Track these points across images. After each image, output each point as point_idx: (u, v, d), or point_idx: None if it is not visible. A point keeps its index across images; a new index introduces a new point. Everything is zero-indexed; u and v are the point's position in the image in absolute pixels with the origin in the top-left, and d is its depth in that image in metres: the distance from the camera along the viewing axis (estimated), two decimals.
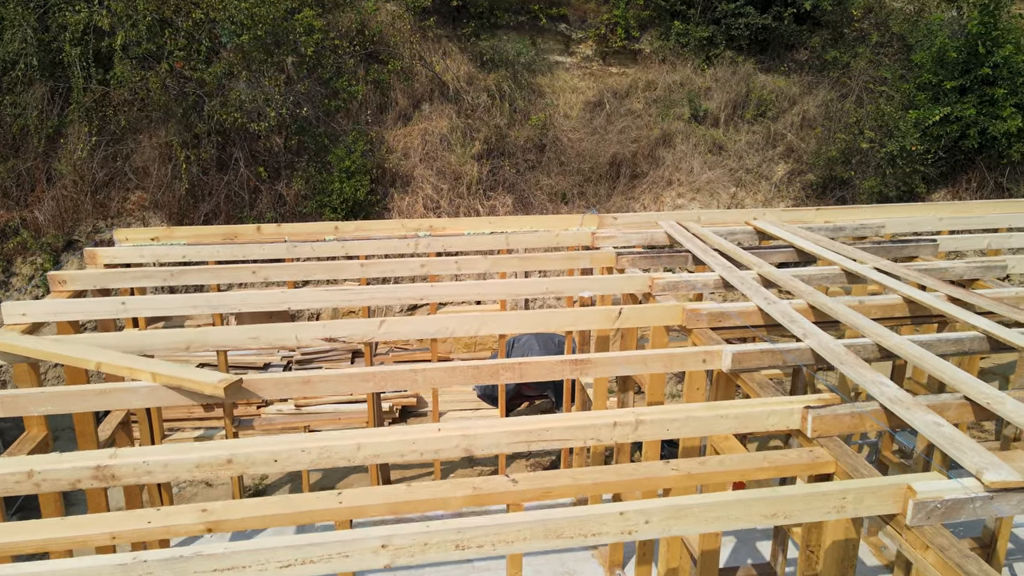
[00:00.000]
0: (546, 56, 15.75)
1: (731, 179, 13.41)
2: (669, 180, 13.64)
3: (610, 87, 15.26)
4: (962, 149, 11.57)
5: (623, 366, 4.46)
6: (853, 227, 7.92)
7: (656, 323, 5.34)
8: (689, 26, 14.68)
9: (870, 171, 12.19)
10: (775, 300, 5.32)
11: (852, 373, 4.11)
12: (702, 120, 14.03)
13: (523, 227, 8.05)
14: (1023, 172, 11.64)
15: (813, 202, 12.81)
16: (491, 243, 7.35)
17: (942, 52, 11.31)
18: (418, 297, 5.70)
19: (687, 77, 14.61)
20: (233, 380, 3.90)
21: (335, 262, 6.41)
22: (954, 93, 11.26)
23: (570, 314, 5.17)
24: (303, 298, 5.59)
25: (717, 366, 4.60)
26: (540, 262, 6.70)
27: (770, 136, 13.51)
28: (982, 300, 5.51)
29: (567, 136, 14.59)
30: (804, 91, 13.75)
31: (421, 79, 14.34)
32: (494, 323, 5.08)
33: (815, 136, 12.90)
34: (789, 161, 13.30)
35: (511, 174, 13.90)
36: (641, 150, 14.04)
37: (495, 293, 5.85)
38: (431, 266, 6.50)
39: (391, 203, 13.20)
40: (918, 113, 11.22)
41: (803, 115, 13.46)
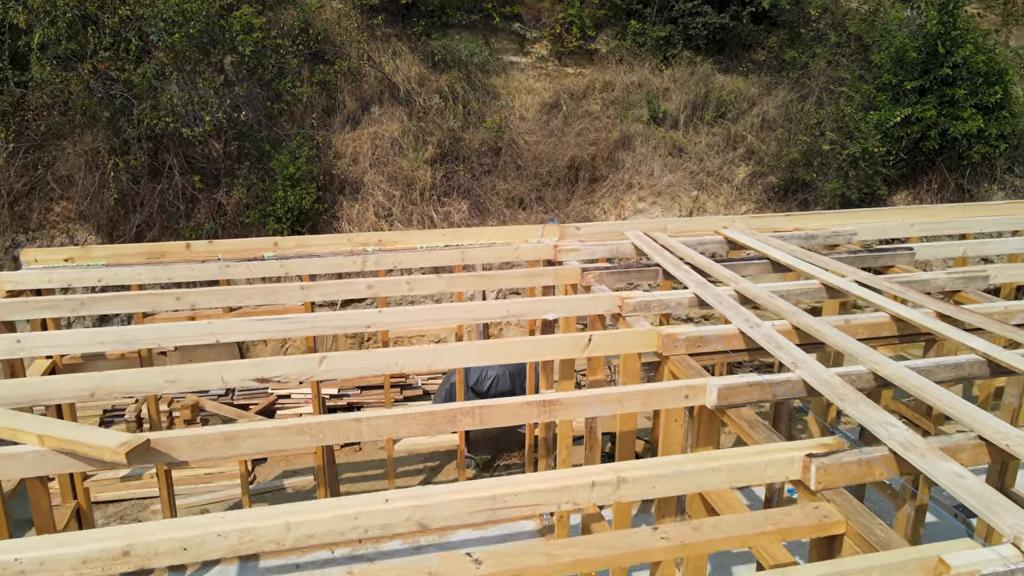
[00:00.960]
0: (500, 56, 15.22)
1: (692, 182, 13.08)
2: (629, 184, 13.25)
3: (566, 88, 14.81)
4: (923, 150, 11.44)
5: (596, 407, 3.95)
6: (825, 235, 7.58)
7: (629, 350, 4.85)
8: (646, 25, 14.32)
9: (832, 173, 11.98)
10: (758, 322, 4.88)
11: (855, 412, 3.67)
12: (661, 122, 13.69)
13: (479, 240, 7.50)
14: (983, 173, 11.57)
15: (775, 204, 12.56)
16: (446, 258, 6.78)
17: (901, 52, 11.16)
18: (364, 325, 5.11)
19: (645, 78, 14.24)
20: (138, 442, 3.27)
21: (274, 285, 5.76)
22: (914, 94, 11.11)
23: (533, 344, 4.64)
24: (234, 329, 4.94)
25: (700, 402, 4.13)
26: (499, 280, 6.17)
27: (730, 138, 13.23)
28: (971, 316, 5.17)
29: (523, 139, 14.09)
30: (763, 92, 13.51)
31: (370, 80, 13.66)
32: (449, 356, 4.52)
33: (776, 138, 12.66)
34: (750, 163, 13.03)
35: (466, 179, 13.34)
36: (600, 153, 13.62)
37: (451, 319, 5.30)
38: (380, 287, 5.90)
39: (340, 211, 12.51)
40: (879, 114, 11.04)
41: (763, 116, 13.21)
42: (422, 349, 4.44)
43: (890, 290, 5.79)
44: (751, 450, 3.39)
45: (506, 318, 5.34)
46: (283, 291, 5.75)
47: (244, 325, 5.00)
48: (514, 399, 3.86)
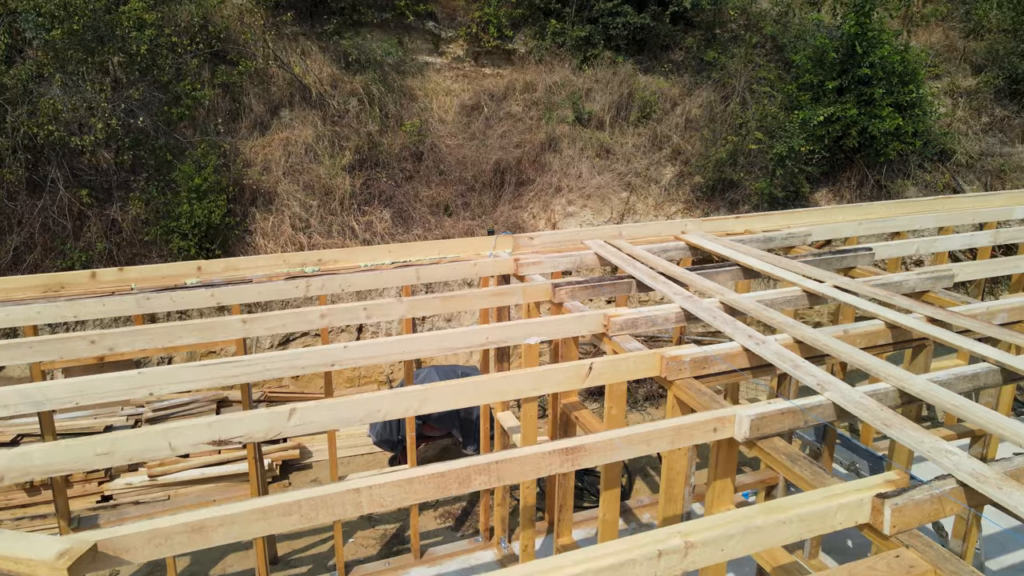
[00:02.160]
0: (415, 56, 14.56)
1: (621, 183, 12.91)
2: (558, 187, 12.92)
3: (486, 89, 14.33)
4: (843, 148, 11.72)
5: (623, 449, 3.49)
6: (782, 237, 7.47)
7: (632, 376, 4.42)
8: (565, 25, 14.05)
9: (758, 172, 12.10)
10: (761, 338, 4.57)
11: (903, 438, 3.38)
12: (587, 123, 13.45)
13: (428, 254, 6.90)
14: (899, 169, 12.00)
15: (704, 204, 12.57)
16: (399, 278, 6.14)
17: (821, 53, 11.38)
18: (328, 364, 4.43)
19: (566, 78, 13.97)
20: (82, 551, 2.52)
21: (209, 320, 4.95)
22: (833, 93, 11.36)
23: (530, 377, 4.13)
24: (171, 379, 4.15)
25: (729, 435, 3.75)
26: (465, 301, 5.60)
27: (656, 138, 13.15)
28: (959, 319, 5.07)
29: (445, 143, 13.50)
30: (684, 92, 13.53)
31: (278, 82, 12.69)
32: (439, 397, 3.93)
33: (701, 138, 12.67)
34: (676, 163, 13.00)
35: (387, 186, 12.61)
36: (526, 155, 13.22)
37: (424, 349, 4.70)
38: (334, 316, 5.21)
39: (253, 225, 11.50)
40: (804, 113, 11.21)
41: (686, 116, 13.22)
42: (409, 392, 3.83)
43: (866, 292, 5.67)
44: (815, 495, 3.02)
45: (485, 345, 4.81)
46: (220, 327, 4.95)
47: (177, 373, 4.21)
48: (536, 449, 3.33)
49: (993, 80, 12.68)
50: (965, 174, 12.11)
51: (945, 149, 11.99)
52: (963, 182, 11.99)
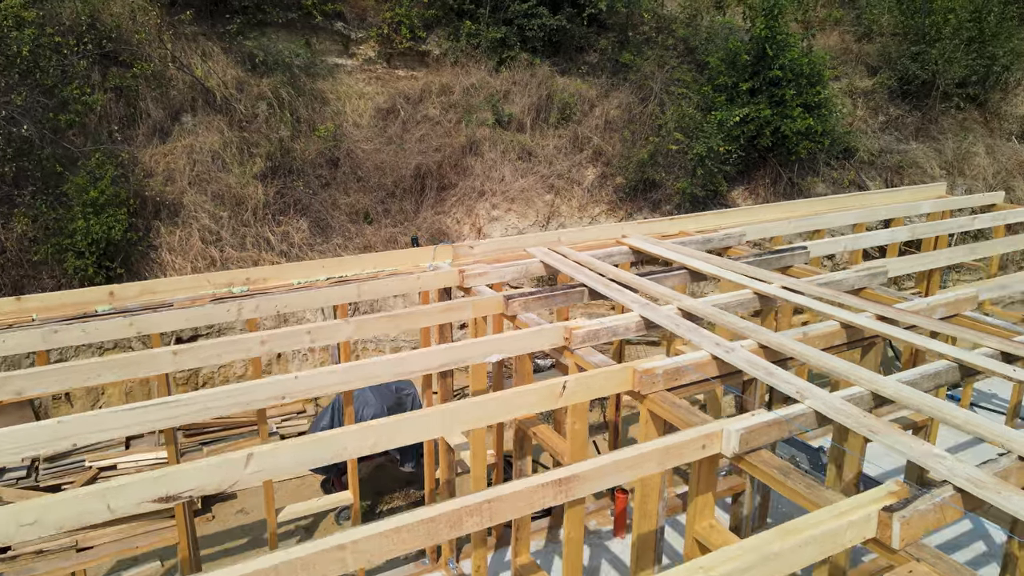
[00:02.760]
0: (324, 58, 13.98)
1: (544, 186, 12.82)
2: (481, 191, 12.70)
3: (401, 92, 13.93)
4: (757, 147, 12.08)
5: (614, 475, 3.30)
6: (719, 237, 7.53)
7: (605, 392, 4.26)
8: (480, 26, 13.84)
9: (678, 172, 12.30)
10: (730, 345, 4.51)
11: (893, 443, 3.36)
12: (507, 125, 13.29)
13: (364, 268, 6.53)
14: (809, 168, 12.49)
15: (627, 205, 12.66)
16: (339, 295, 5.75)
17: (734, 55, 11.68)
18: (277, 397, 4.02)
19: (484, 80, 13.76)
20: None
21: (130, 355, 4.43)
22: (746, 94, 11.68)
23: (502, 401, 3.88)
24: (89, 428, 3.65)
25: (717, 450, 3.64)
26: (415, 318, 5.29)
27: (577, 140, 13.15)
28: (905, 316, 5.21)
29: (361, 148, 13.01)
30: (602, 94, 13.60)
31: (179, 85, 11.85)
32: (411, 428, 3.63)
33: (621, 139, 12.76)
34: (598, 165, 13.04)
35: (303, 194, 12.02)
36: (447, 160, 12.92)
37: (379, 374, 4.37)
38: (275, 342, 4.78)
39: (158, 240, 10.67)
40: (721, 114, 11.46)
41: (606, 118, 13.29)
42: (378, 427, 3.51)
43: (811, 291, 5.75)
44: (824, 514, 2.93)
45: (445, 366, 4.52)
46: (147, 361, 4.43)
47: (111, 419, 3.71)
48: (528, 483, 3.09)
49: (887, 81, 13.43)
50: (867, 170, 12.75)
51: (848, 147, 12.58)
52: (866, 178, 12.62)
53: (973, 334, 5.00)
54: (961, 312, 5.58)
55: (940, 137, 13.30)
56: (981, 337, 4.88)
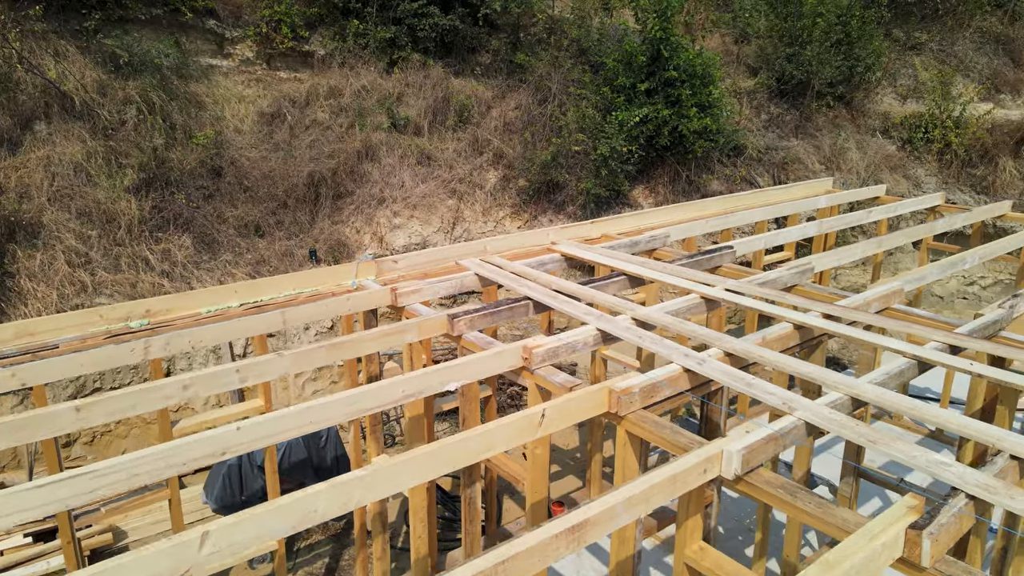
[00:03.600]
0: (197, 59, 12.89)
1: (446, 190, 12.42)
2: (381, 198, 12.11)
3: (286, 95, 13.07)
4: (655, 147, 12.25)
5: (625, 515, 3.02)
6: (646, 240, 7.46)
7: (583, 416, 3.97)
8: (368, 26, 13.22)
9: (580, 172, 12.26)
10: (699, 357, 4.35)
11: (894, 453, 3.29)
12: (404, 129, 12.77)
13: (282, 290, 5.92)
14: (705, 166, 12.82)
15: (531, 207, 12.50)
16: (260, 324, 5.13)
17: (630, 56, 11.77)
18: (218, 453, 3.44)
19: (375, 82, 13.16)
20: None
21: (24, 416, 3.67)
22: (644, 95, 11.82)
23: (478, 439, 3.51)
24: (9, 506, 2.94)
25: (717, 472, 3.44)
26: (356, 346, 4.79)
27: (476, 142, 12.83)
28: (846, 312, 5.29)
29: (246, 156, 12.09)
30: (499, 95, 13.36)
31: (28, 89, 10.47)
32: (384, 479, 3.18)
33: (522, 141, 12.58)
34: (499, 167, 12.79)
35: (184, 207, 10.99)
36: (341, 166, 12.23)
37: (333, 416, 3.87)
38: (200, 385, 4.14)
39: (15, 265, 9.35)
40: (622, 115, 11.52)
41: (504, 120, 13.06)
42: (350, 481, 3.04)
43: (752, 292, 5.76)
44: (858, 542, 2.78)
45: (402, 400, 4.07)
46: (46, 421, 3.69)
47: (22, 499, 3.01)
48: (539, 537, 2.74)
49: (766, 81, 14.06)
50: (755, 167, 13.28)
51: (738, 145, 13.03)
52: (755, 175, 13.14)
53: (903, 325, 5.15)
54: (891, 305, 5.76)
55: (817, 134, 14.08)
56: (909, 327, 5.03)
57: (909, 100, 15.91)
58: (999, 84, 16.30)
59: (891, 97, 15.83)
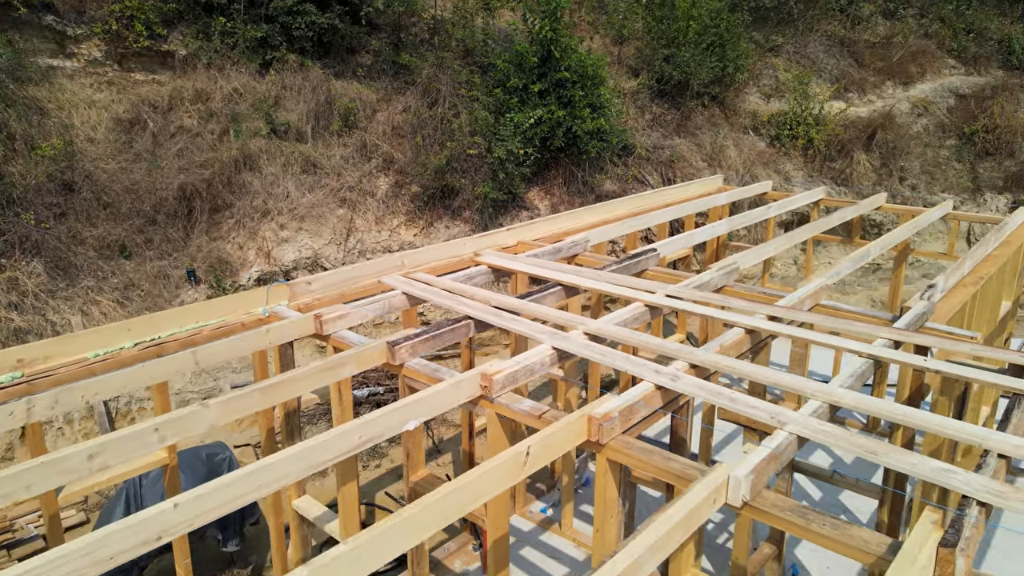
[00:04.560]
0: (34, 59, 11.39)
1: (335, 199, 11.69)
2: (264, 210, 11.20)
3: (145, 99, 11.83)
4: (550, 148, 12.15)
5: (652, 561, 2.74)
6: (568, 246, 7.26)
7: (565, 449, 3.66)
8: (235, 24, 12.22)
9: (475, 176, 11.95)
10: (670, 371, 4.16)
11: (898, 464, 3.23)
12: (284, 135, 11.89)
13: (184, 324, 5.18)
14: (598, 167, 12.86)
15: (427, 214, 12.03)
16: (169, 368, 4.42)
17: (520, 57, 11.58)
18: (154, 538, 2.81)
19: (248, 85, 12.18)
20: None
21: None
22: (536, 96, 11.67)
23: (466, 491, 3.10)
24: None
25: (724, 501, 3.24)
26: (293, 386, 4.21)
27: (364, 148, 12.18)
28: (786, 312, 5.32)
29: (103, 167, 10.82)
30: (385, 98, 12.77)
31: None
32: (368, 557, 2.71)
33: (413, 145, 12.08)
34: (391, 173, 12.21)
35: (32, 228, 9.64)
36: (217, 177, 11.20)
37: (289, 473, 3.32)
38: (111, 452, 3.44)
39: None
40: (518, 116, 11.30)
41: (392, 123, 12.49)
42: (328, 564, 2.55)
43: (690, 296, 5.69)
44: (903, 568, 2.65)
45: (360, 447, 3.57)
46: None
47: None
48: None
49: (648, 82, 14.37)
50: (644, 166, 13.53)
51: (627, 145, 13.21)
52: (645, 174, 13.38)
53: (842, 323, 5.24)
54: (820, 301, 5.88)
55: (697, 132, 14.57)
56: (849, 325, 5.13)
57: (772, 99, 16.85)
58: (847, 84, 17.63)
59: (757, 97, 16.71)
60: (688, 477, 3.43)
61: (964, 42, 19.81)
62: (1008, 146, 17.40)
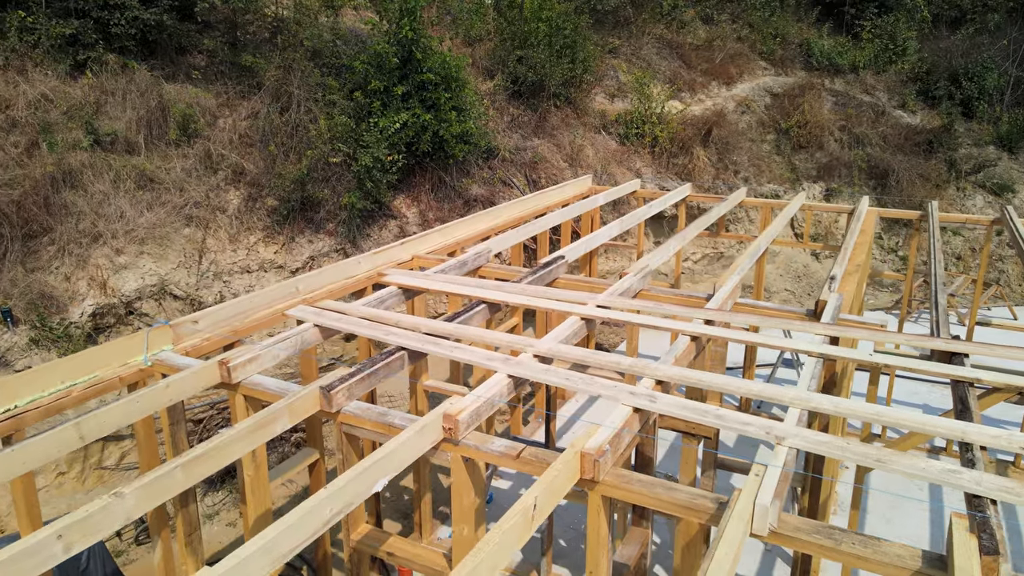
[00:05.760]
0: None
1: (180, 218, 10.40)
2: (95, 233, 9.71)
3: None
4: (415, 153, 11.61)
5: None
6: (472, 258, 6.86)
7: (565, 491, 3.30)
8: (38, 19, 10.52)
9: (336, 185, 11.15)
10: (644, 392, 3.92)
11: (908, 470, 3.19)
12: (112, 147, 10.40)
13: (46, 386, 4.21)
14: (465, 170, 12.48)
15: (288, 227, 11.04)
16: (44, 450, 3.51)
17: (380, 58, 10.93)
18: None
19: (59, 90, 10.53)
20: None
21: None
22: (399, 99, 11.08)
23: (488, 560, 2.66)
24: None
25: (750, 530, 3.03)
26: (224, 453, 3.48)
27: (209, 159, 10.95)
28: (716, 315, 5.31)
29: None
30: (227, 103, 11.58)
31: None
32: None
33: (266, 154, 11.05)
34: (241, 186, 11.07)
35: None
36: (29, 197, 9.56)
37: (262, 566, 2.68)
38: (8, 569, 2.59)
39: None
40: (383, 121, 10.65)
41: (238, 131, 11.34)
42: None
43: (622, 305, 5.53)
44: None
45: (333, 520, 2.93)
46: None
47: None
48: None
49: (503, 83, 14.23)
50: (509, 168, 13.37)
51: (491, 147, 12.98)
52: (510, 176, 13.22)
53: (767, 321, 5.33)
54: (736, 300, 5.95)
55: (555, 133, 14.66)
56: (784, 322, 5.22)
57: (616, 99, 17.42)
58: (679, 84, 18.63)
59: (602, 97, 17.18)
60: (699, 508, 3.20)
61: (772, 46, 21.66)
62: (818, 140, 19.24)
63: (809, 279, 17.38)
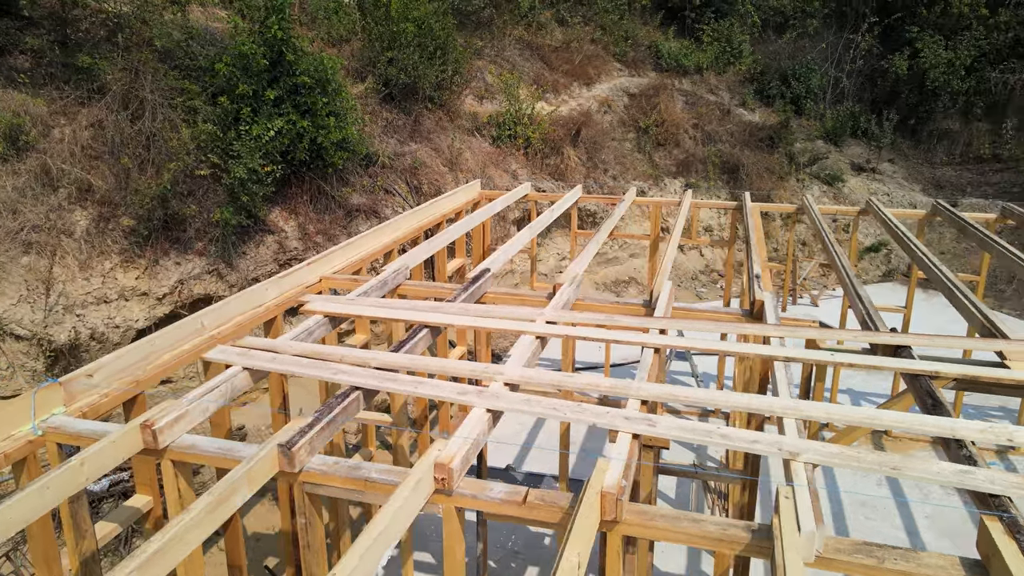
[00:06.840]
0: None
1: (17, 245, 8.94)
2: None
3: None
4: (291, 163, 10.74)
5: None
6: (391, 277, 6.34)
7: (591, 537, 2.99)
8: None
9: (207, 201, 10.10)
10: (649, 419, 3.70)
11: (924, 474, 3.19)
12: None
13: None
14: (344, 179, 11.70)
15: (148, 250, 9.83)
16: None
17: (246, 60, 9.97)
18: None
19: None
20: None
21: None
22: (270, 105, 10.18)
23: None
24: None
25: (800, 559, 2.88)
26: (176, 549, 2.83)
27: (47, 175, 9.52)
28: (666, 323, 5.23)
29: None
30: (63, 110, 10.12)
31: None
32: None
33: (119, 169, 9.77)
34: (89, 205, 9.71)
35: None
36: None
37: None
38: None
39: None
40: (258, 128, 9.72)
41: (79, 142, 9.94)
42: None
43: (565, 318, 5.31)
44: None
45: None
46: None
47: None
48: None
49: (375, 86, 13.58)
50: (389, 175, 12.76)
51: (370, 154, 12.33)
52: (391, 183, 12.62)
53: (699, 323, 5.33)
54: (674, 304, 5.91)
55: (431, 137, 14.21)
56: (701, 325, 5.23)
57: (485, 101, 17.25)
58: (545, 85, 18.80)
59: (472, 99, 16.95)
60: (733, 539, 3.02)
61: (624, 48, 22.45)
62: (674, 137, 20.17)
63: (677, 270, 18.14)
